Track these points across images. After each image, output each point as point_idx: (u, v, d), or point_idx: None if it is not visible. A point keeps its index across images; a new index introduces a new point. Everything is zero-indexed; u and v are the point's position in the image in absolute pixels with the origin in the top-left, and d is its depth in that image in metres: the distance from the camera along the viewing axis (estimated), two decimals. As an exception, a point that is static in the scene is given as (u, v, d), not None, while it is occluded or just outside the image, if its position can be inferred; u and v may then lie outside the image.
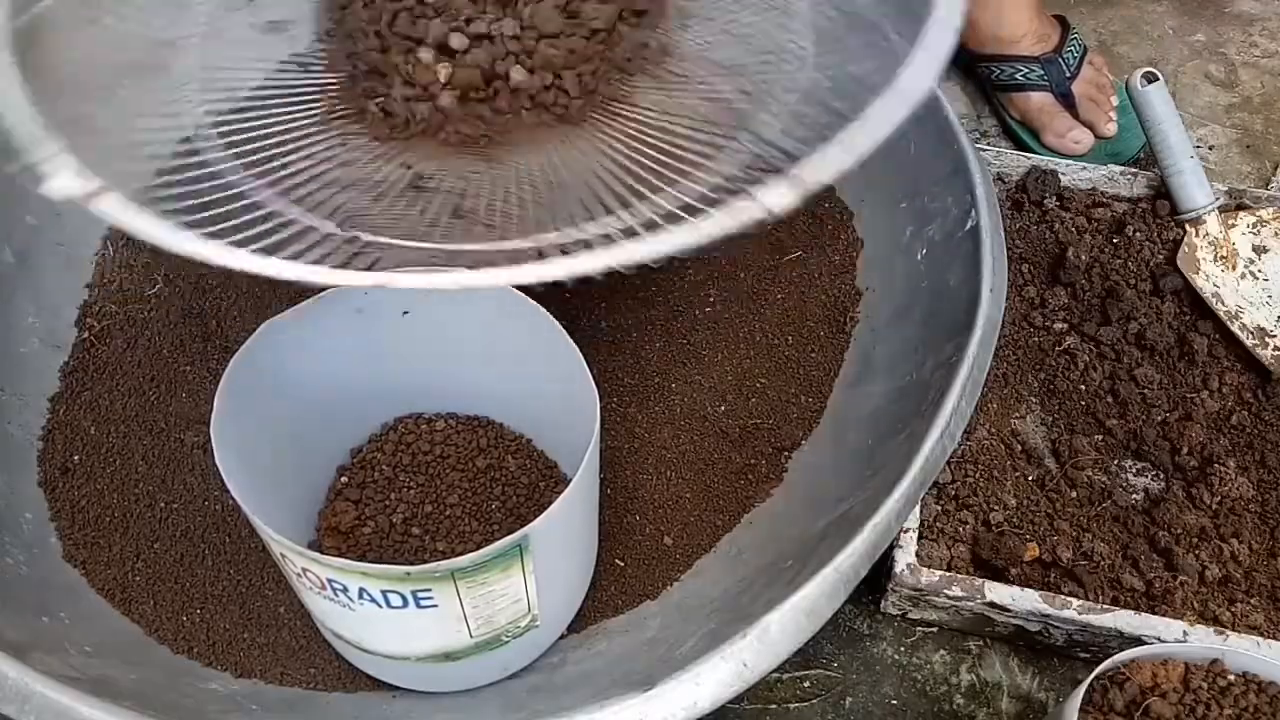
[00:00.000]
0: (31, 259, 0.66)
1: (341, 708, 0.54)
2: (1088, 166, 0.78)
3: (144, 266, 0.68)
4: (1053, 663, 0.61)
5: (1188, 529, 0.63)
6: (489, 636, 0.49)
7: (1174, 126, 0.74)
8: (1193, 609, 0.59)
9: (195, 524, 0.60)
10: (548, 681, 0.54)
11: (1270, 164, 0.90)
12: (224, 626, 0.56)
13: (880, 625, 0.62)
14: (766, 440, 0.64)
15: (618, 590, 0.59)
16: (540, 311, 0.52)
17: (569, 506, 0.46)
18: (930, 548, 0.61)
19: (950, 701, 0.60)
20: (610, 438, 0.64)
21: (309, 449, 0.57)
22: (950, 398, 0.53)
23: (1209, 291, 0.71)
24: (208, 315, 0.67)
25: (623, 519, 0.61)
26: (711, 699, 0.45)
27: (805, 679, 0.60)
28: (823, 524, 0.55)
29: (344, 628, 0.50)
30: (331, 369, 0.55)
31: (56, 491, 0.60)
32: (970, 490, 0.64)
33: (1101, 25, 1.00)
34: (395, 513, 0.58)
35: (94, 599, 0.56)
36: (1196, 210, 0.73)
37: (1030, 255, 0.75)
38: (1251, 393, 0.69)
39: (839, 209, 0.72)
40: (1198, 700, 0.50)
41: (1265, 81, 0.96)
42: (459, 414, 0.62)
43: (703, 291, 0.71)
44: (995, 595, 0.58)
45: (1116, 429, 0.67)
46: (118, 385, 0.64)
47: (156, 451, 0.62)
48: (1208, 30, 1.00)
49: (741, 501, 0.62)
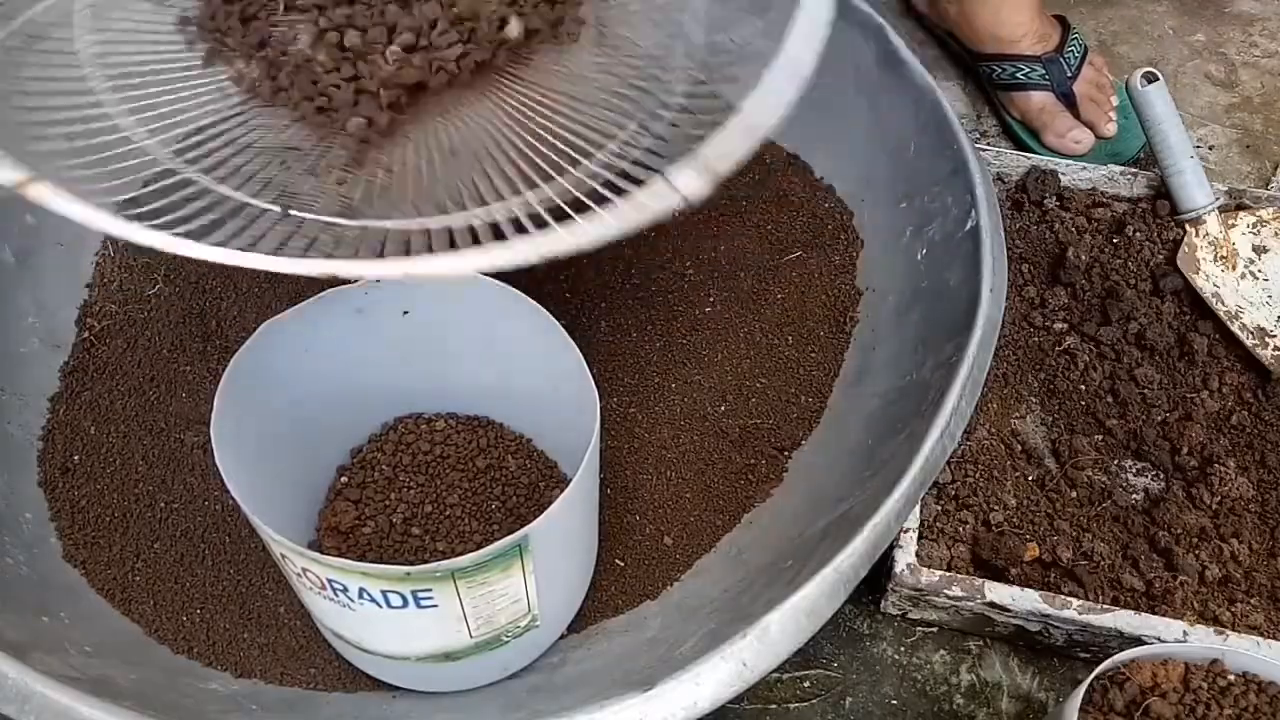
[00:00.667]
0: (31, 259, 0.66)
1: (341, 708, 0.54)
2: (1088, 166, 0.78)
3: (144, 267, 0.68)
4: (1053, 663, 0.61)
5: (1188, 529, 0.63)
6: (489, 636, 0.49)
7: (1174, 126, 0.74)
8: (1193, 609, 0.59)
9: (195, 524, 0.60)
10: (548, 681, 0.54)
11: (1270, 164, 0.90)
12: (224, 626, 0.56)
13: (880, 625, 0.62)
14: (766, 440, 0.64)
15: (618, 590, 0.59)
16: (540, 311, 0.52)
17: (569, 506, 0.46)
18: (930, 548, 0.61)
19: (950, 701, 0.60)
20: (610, 438, 0.64)
21: (309, 449, 0.57)
22: (950, 398, 0.53)
23: (1209, 291, 0.71)
24: (208, 315, 0.67)
25: (623, 519, 0.61)
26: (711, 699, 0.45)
27: (805, 679, 0.60)
28: (823, 524, 0.55)
29: (344, 628, 0.50)
30: (331, 369, 0.55)
31: (56, 491, 0.60)
32: (970, 490, 0.64)
33: (1101, 25, 1.00)
34: (395, 513, 0.58)
35: (94, 599, 0.56)
36: (1196, 210, 0.73)
37: (1030, 255, 0.75)
38: (1251, 393, 0.69)
39: (839, 209, 0.72)
40: (1198, 700, 0.50)
41: (1265, 81, 0.96)
42: (459, 414, 0.62)
43: (703, 291, 0.71)
44: (995, 595, 0.58)
45: (1116, 429, 0.67)
46: (118, 385, 0.64)
47: (156, 451, 0.62)
48: (1208, 30, 1.00)
49: (741, 501, 0.62)
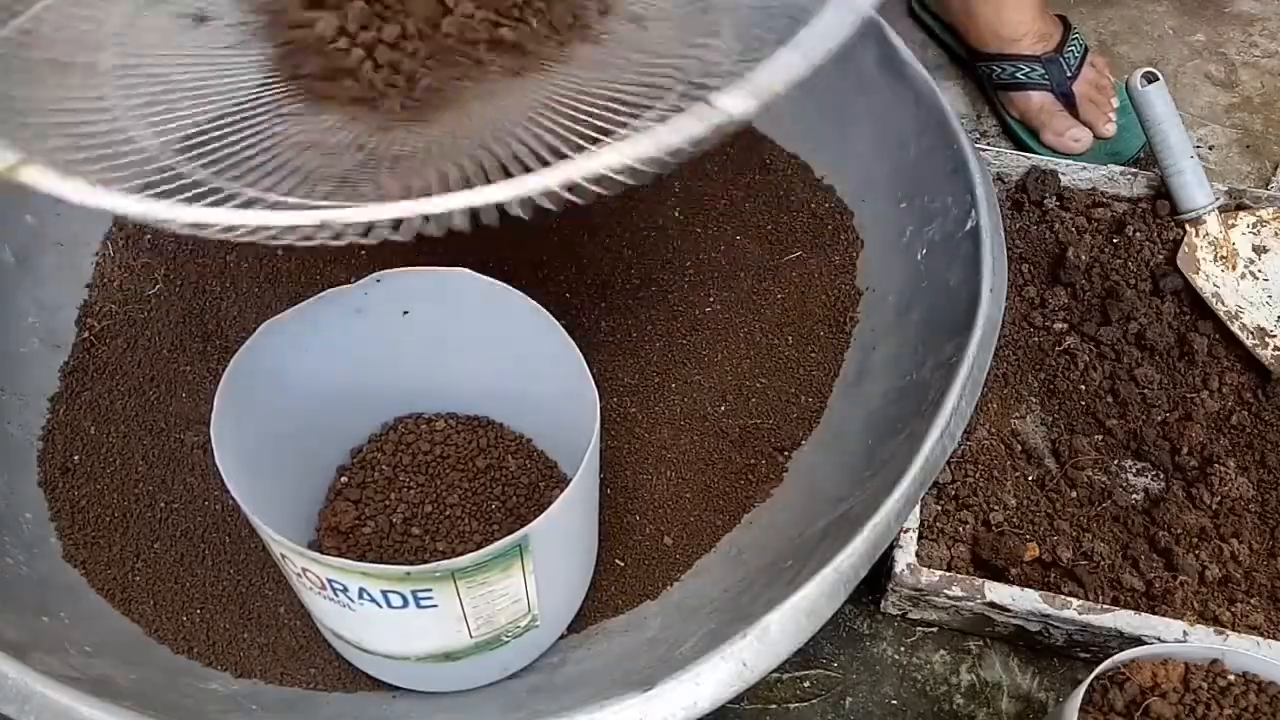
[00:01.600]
0: (31, 259, 0.66)
1: (341, 708, 0.54)
2: (1088, 166, 0.78)
3: (144, 266, 0.68)
4: (1053, 663, 0.61)
5: (1188, 529, 0.63)
6: (489, 636, 0.49)
7: (1174, 126, 0.74)
8: (1193, 609, 0.59)
9: (195, 524, 0.60)
10: (548, 681, 0.54)
11: (1270, 164, 0.90)
12: (224, 626, 0.56)
13: (880, 625, 0.62)
14: (766, 440, 0.64)
15: (618, 590, 0.59)
16: (540, 311, 0.52)
17: (569, 506, 0.46)
18: (930, 548, 0.61)
19: (950, 701, 0.60)
20: (610, 438, 0.64)
21: (309, 449, 0.57)
22: (950, 398, 0.53)
23: (1209, 291, 0.71)
24: (208, 315, 0.67)
25: (623, 519, 0.61)
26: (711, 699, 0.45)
27: (805, 679, 0.60)
28: (823, 524, 0.55)
29: (344, 628, 0.50)
30: (331, 369, 0.55)
31: (56, 491, 0.60)
32: (970, 490, 0.64)
33: (1101, 25, 1.00)
34: (395, 513, 0.58)
35: (94, 599, 0.56)
36: (1196, 210, 0.73)
37: (1030, 255, 0.75)
38: (1251, 393, 0.69)
39: (839, 209, 0.72)
40: (1198, 700, 0.50)
41: (1265, 81, 0.96)
42: (459, 414, 0.62)
43: (703, 291, 0.71)
44: (995, 595, 0.58)
45: (1116, 429, 0.67)
46: (118, 385, 0.64)
47: (156, 451, 0.62)
48: (1208, 30, 1.00)
49: (741, 501, 0.62)
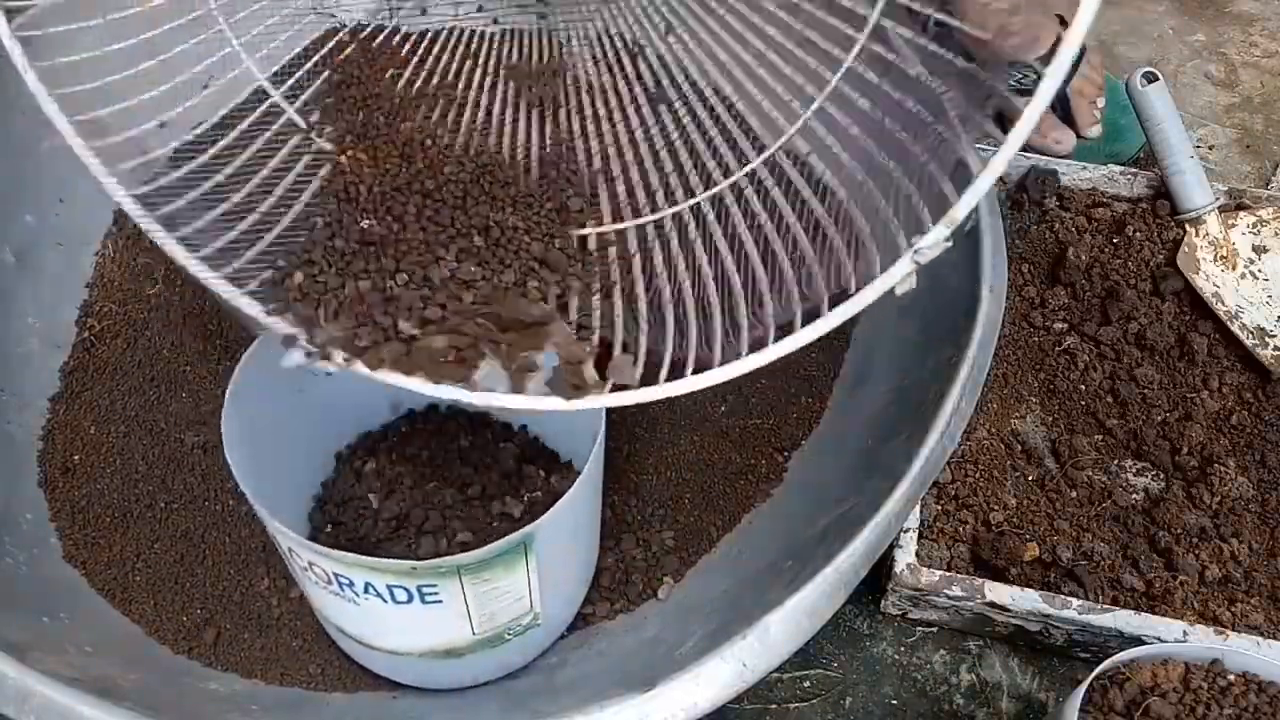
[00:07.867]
0: (31, 259, 0.66)
1: (341, 708, 0.54)
2: (1088, 166, 0.78)
3: (144, 266, 0.68)
4: (1053, 663, 0.61)
5: (1188, 529, 0.63)
6: (491, 634, 0.50)
7: (1174, 126, 0.74)
8: (1193, 609, 0.59)
9: (195, 524, 0.60)
10: (548, 681, 0.54)
11: (1270, 164, 0.90)
12: (224, 626, 0.56)
13: (880, 625, 0.62)
14: (766, 440, 0.64)
15: (618, 590, 0.59)
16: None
17: (573, 505, 0.47)
18: (930, 548, 0.61)
19: (950, 701, 0.60)
20: (610, 438, 0.64)
21: (312, 446, 0.58)
22: (950, 398, 0.53)
23: (1209, 291, 0.71)
24: (208, 315, 0.67)
25: (623, 519, 0.61)
26: (711, 699, 0.44)
27: (805, 679, 0.60)
28: (823, 524, 0.55)
29: (348, 622, 0.50)
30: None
31: (56, 491, 0.60)
32: (970, 490, 0.64)
33: (1101, 25, 1.00)
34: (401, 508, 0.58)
35: (94, 599, 0.56)
36: (1196, 210, 0.73)
37: (1030, 255, 0.75)
38: (1251, 393, 0.69)
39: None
40: (1198, 700, 0.50)
41: (1265, 81, 0.96)
42: (466, 409, 0.62)
43: (703, 291, 0.70)
44: (995, 595, 0.58)
45: (1116, 429, 0.67)
46: (118, 385, 0.64)
47: (156, 451, 0.62)
48: (1208, 30, 1.00)
49: (741, 501, 0.62)
